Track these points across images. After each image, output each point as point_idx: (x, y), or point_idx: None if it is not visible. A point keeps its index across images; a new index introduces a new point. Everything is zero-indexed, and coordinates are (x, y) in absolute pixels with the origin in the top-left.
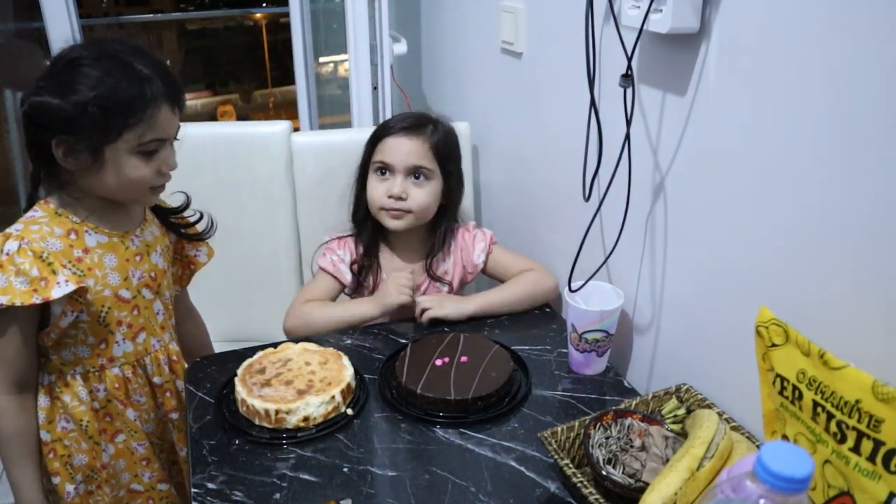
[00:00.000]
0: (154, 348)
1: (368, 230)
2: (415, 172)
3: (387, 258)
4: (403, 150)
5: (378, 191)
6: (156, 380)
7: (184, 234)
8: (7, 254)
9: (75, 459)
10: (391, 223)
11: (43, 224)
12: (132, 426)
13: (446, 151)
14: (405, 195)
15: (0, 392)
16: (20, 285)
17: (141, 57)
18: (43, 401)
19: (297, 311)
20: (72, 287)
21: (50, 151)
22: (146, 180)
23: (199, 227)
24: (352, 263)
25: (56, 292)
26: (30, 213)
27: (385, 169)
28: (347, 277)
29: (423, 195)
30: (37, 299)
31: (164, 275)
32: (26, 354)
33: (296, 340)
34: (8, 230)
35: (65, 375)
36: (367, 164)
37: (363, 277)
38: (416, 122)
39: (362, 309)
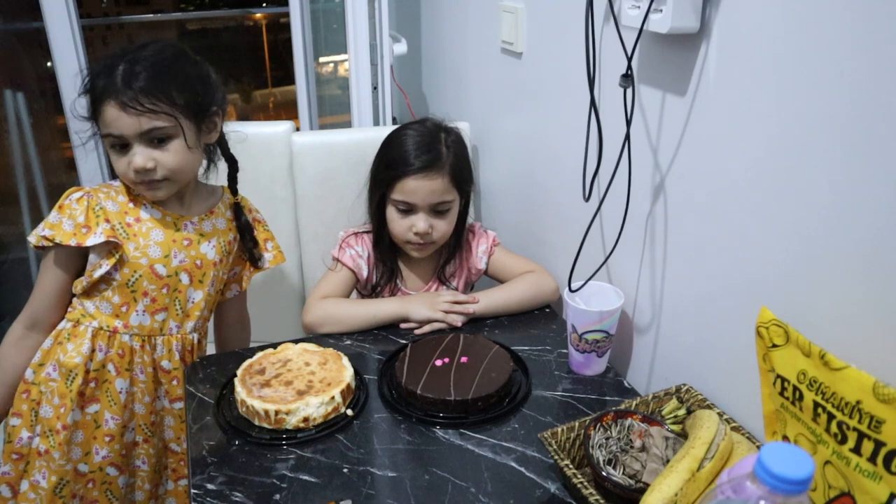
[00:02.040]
0: (171, 331)
1: (388, 243)
2: (437, 207)
3: (403, 268)
4: (425, 190)
5: (401, 226)
6: (164, 363)
7: (249, 248)
8: (69, 199)
9: (42, 409)
10: (416, 254)
11: (113, 189)
12: (115, 397)
13: (461, 171)
14: (431, 230)
15: (18, 321)
16: (66, 227)
17: (134, 53)
18: (46, 342)
19: (319, 306)
20: (102, 238)
21: None
22: (124, 175)
23: (265, 257)
24: (368, 260)
25: (90, 240)
26: (111, 181)
27: (407, 207)
28: (364, 273)
29: (446, 225)
30: (72, 242)
31: (212, 267)
32: (53, 296)
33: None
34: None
35: (79, 325)
36: (383, 195)
37: (383, 283)
38: (433, 156)
39: (391, 308)
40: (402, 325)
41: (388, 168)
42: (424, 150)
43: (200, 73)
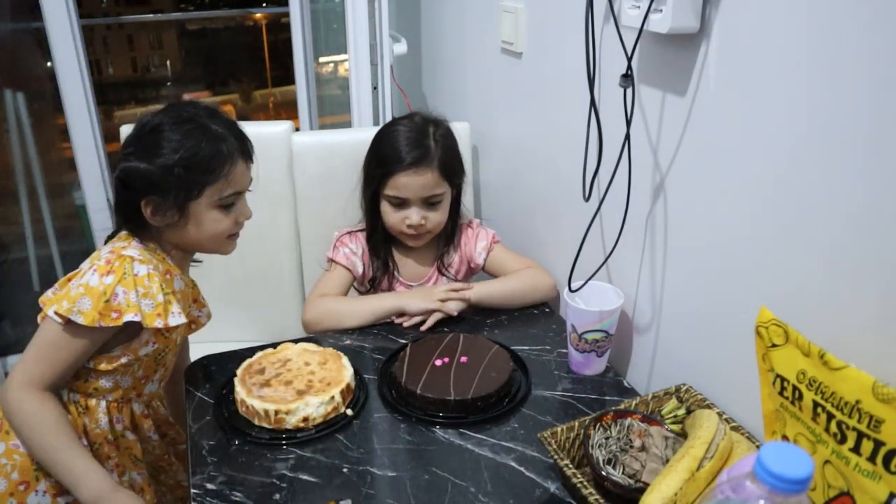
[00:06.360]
0: (161, 390)
1: (381, 236)
2: (429, 200)
3: (400, 259)
4: (416, 184)
5: (395, 219)
6: (170, 419)
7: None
8: (137, 275)
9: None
10: (412, 243)
11: (153, 257)
12: (138, 454)
13: (452, 166)
14: (424, 221)
15: (36, 388)
16: (147, 308)
17: (215, 118)
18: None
19: (318, 303)
20: (183, 320)
21: (139, 211)
22: (226, 231)
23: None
24: (363, 256)
25: (172, 320)
26: (137, 243)
27: (400, 202)
28: (360, 270)
29: (439, 216)
30: (158, 323)
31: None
32: (72, 368)
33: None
34: (125, 252)
35: (90, 398)
36: (376, 190)
37: (379, 277)
38: (423, 152)
39: (387, 303)
40: (398, 320)
41: (379, 165)
42: (414, 146)
43: None
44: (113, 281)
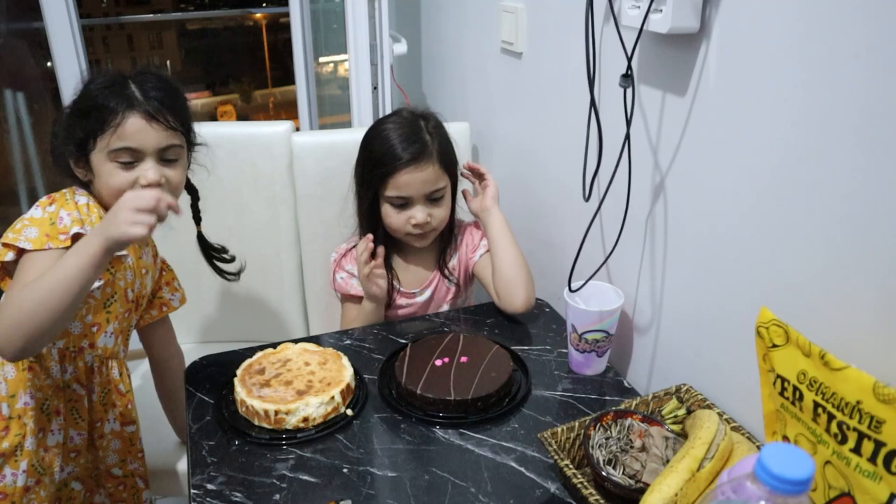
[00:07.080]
0: (120, 355)
1: (381, 243)
2: (432, 195)
3: (400, 263)
4: (418, 181)
5: (399, 220)
6: (120, 387)
7: (219, 269)
8: (77, 203)
9: (27, 442)
10: (418, 243)
11: (94, 204)
12: (83, 414)
13: (450, 157)
14: (429, 218)
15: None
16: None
17: (141, 76)
18: (9, 371)
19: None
20: (122, 252)
21: (69, 164)
22: (124, 189)
23: (232, 268)
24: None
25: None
26: (81, 189)
27: (403, 202)
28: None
29: (443, 211)
30: None
31: (144, 300)
32: None
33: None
34: (71, 188)
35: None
36: (375, 194)
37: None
38: (420, 146)
39: (366, 290)
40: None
41: (376, 166)
42: (410, 142)
43: (188, 105)
44: (55, 208)
